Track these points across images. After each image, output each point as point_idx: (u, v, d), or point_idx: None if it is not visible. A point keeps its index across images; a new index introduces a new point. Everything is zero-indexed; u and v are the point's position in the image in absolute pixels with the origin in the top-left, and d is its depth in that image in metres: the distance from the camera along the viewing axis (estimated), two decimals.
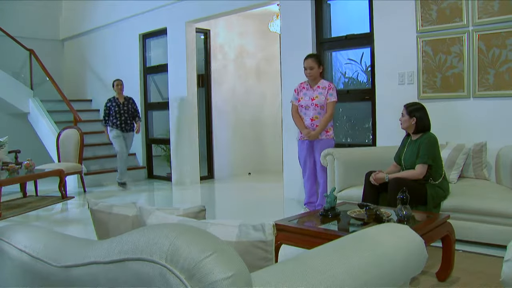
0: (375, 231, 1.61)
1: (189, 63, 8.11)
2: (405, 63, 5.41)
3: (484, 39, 4.82)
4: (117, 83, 7.93)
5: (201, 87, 8.83)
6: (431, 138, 4.15)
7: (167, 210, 1.65)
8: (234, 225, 1.40)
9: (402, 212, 3.27)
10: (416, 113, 4.21)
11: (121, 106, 7.87)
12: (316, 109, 5.41)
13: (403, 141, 4.46)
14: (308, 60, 5.44)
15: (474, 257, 3.80)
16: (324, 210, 3.49)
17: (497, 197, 4.05)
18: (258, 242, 1.35)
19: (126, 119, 7.87)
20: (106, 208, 1.74)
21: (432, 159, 4.09)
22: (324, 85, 5.43)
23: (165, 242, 1.07)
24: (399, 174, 4.19)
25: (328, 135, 5.44)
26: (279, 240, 3.16)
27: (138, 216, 1.57)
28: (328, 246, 1.43)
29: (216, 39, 8.96)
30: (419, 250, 1.61)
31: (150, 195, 7.84)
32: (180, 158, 8.36)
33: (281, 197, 6.72)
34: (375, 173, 4.25)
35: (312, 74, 5.41)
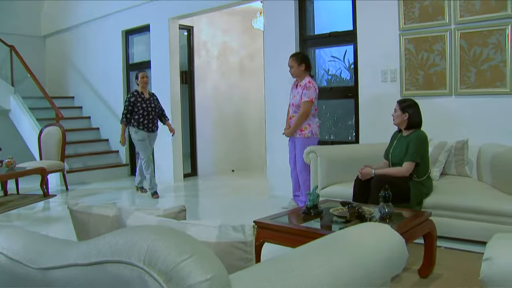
0: (355, 231, 1.62)
1: (172, 60, 8.08)
2: (388, 61, 5.44)
3: (466, 37, 4.86)
4: (142, 75, 6.84)
5: (185, 84, 8.79)
6: (422, 136, 4.17)
7: (147, 211, 1.64)
8: (214, 225, 1.39)
9: (385, 210, 3.29)
10: (408, 109, 4.22)
11: (148, 103, 6.83)
12: (293, 108, 5.51)
13: (393, 136, 4.48)
14: (289, 60, 5.53)
15: (455, 253, 3.84)
16: (306, 208, 3.49)
17: (478, 194, 4.10)
18: (238, 243, 1.35)
19: (153, 118, 6.88)
20: (86, 209, 1.73)
21: (420, 157, 4.11)
22: (303, 83, 5.43)
23: (143, 244, 1.06)
24: (385, 171, 4.20)
25: (303, 133, 5.43)
26: (261, 238, 3.17)
27: (118, 217, 1.56)
28: (308, 247, 1.44)
29: (199, 36, 8.93)
30: (400, 249, 1.62)
31: (133, 193, 7.77)
32: (164, 156, 8.31)
33: (264, 194, 6.73)
34: (362, 168, 4.26)
35: (292, 72, 5.50)
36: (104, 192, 7.46)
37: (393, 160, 4.31)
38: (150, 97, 6.88)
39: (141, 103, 6.73)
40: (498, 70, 4.70)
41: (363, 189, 4.18)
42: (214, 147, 9.25)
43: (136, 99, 6.73)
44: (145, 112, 6.74)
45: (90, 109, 9.92)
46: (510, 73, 4.63)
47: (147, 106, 6.77)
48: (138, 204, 6.81)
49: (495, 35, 4.69)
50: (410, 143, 4.13)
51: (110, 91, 9.35)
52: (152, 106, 6.82)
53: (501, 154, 4.21)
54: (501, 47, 4.66)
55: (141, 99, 6.75)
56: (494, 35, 4.69)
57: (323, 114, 6.43)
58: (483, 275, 1.46)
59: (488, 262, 1.43)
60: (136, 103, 6.72)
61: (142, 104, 6.73)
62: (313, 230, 3.16)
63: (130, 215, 1.48)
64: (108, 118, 9.43)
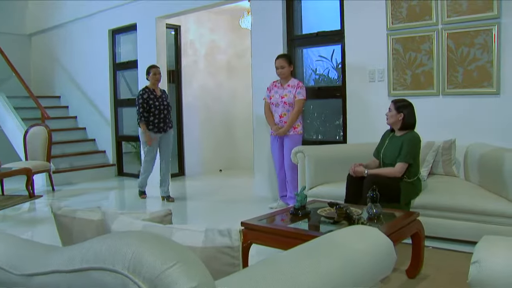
0: (344, 234, 1.61)
1: (159, 59, 8.02)
2: (375, 61, 5.44)
3: (453, 37, 4.88)
4: (154, 71, 6.41)
5: (172, 83, 8.76)
6: (415, 138, 4.17)
7: (133, 214, 1.62)
8: (200, 230, 1.38)
9: (372, 210, 3.30)
10: (404, 109, 4.21)
11: (160, 101, 6.40)
12: (285, 107, 5.59)
13: (385, 135, 4.47)
14: (279, 60, 5.62)
15: (443, 253, 3.86)
16: (294, 209, 3.49)
17: (465, 194, 4.11)
18: (225, 247, 1.33)
19: (165, 117, 6.42)
20: (70, 213, 1.70)
21: (413, 159, 4.11)
22: (293, 83, 5.59)
23: (128, 251, 1.04)
24: (378, 171, 4.20)
25: (296, 130, 5.59)
26: (249, 240, 3.16)
27: (102, 221, 1.53)
28: (296, 251, 1.42)
29: (186, 35, 8.89)
30: (388, 252, 1.62)
31: (120, 193, 7.75)
32: None
33: (252, 194, 6.71)
34: (354, 165, 4.25)
35: (283, 73, 5.60)
36: (91, 193, 7.40)
37: (385, 160, 4.31)
38: (162, 94, 6.48)
39: (154, 100, 6.32)
40: (485, 70, 4.72)
41: (356, 188, 4.18)
42: (202, 147, 9.21)
43: (149, 96, 6.30)
44: (157, 111, 6.32)
45: (77, 108, 9.84)
46: (496, 74, 4.65)
47: (160, 104, 6.35)
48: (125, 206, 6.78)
49: (482, 35, 4.71)
50: (404, 144, 4.12)
51: (96, 91, 9.28)
52: (164, 104, 6.42)
53: (489, 154, 4.23)
54: (488, 47, 4.68)
55: (154, 97, 6.35)
56: (481, 35, 4.71)
57: (310, 113, 6.43)
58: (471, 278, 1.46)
59: (476, 265, 1.43)
60: (149, 100, 6.29)
61: (155, 102, 6.33)
62: (300, 231, 3.15)
63: (115, 219, 1.45)
64: (95, 118, 9.36)
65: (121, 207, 6.83)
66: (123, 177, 9.02)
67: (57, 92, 10.31)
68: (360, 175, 4.18)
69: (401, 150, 4.12)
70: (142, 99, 6.27)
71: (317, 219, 3.34)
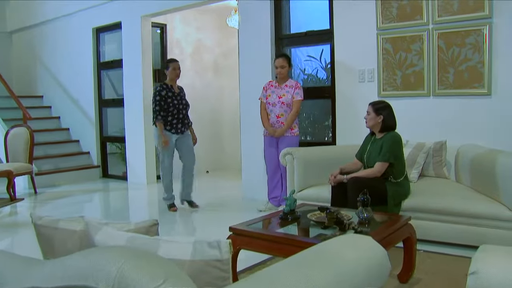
0: (337, 244, 1.58)
1: (144, 58, 7.98)
2: (365, 61, 5.44)
3: (444, 37, 4.88)
4: (174, 66, 5.88)
5: (158, 83, 8.64)
6: (395, 137, 4.16)
7: (117, 225, 1.57)
8: (188, 242, 1.33)
9: (363, 215, 3.27)
10: (382, 111, 4.20)
11: (179, 99, 5.90)
12: (282, 107, 5.55)
13: (366, 139, 4.46)
14: (279, 59, 5.58)
15: (435, 257, 3.84)
16: (283, 213, 3.45)
17: (457, 196, 4.11)
18: (214, 261, 1.29)
19: (183, 117, 5.94)
20: (51, 223, 1.64)
21: (394, 158, 4.09)
22: (291, 84, 5.57)
23: (112, 268, 1.00)
24: (357, 174, 4.19)
25: (293, 132, 5.57)
26: (237, 246, 3.14)
27: (85, 232, 1.48)
28: (286, 264, 1.38)
29: (172, 34, 8.85)
30: (383, 262, 1.58)
31: (105, 196, 7.66)
32: (136, 157, 8.22)
33: (240, 195, 6.68)
34: (332, 175, 4.24)
35: (282, 72, 5.57)
36: (75, 195, 7.32)
37: (369, 164, 4.28)
38: (180, 92, 5.99)
39: (172, 98, 5.80)
40: (476, 70, 4.72)
41: (341, 193, 4.16)
42: None
43: (167, 94, 5.79)
44: (175, 110, 5.80)
45: (60, 109, 9.72)
46: (488, 74, 4.66)
47: (178, 103, 5.85)
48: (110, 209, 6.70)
49: (473, 35, 4.71)
50: (384, 144, 4.12)
51: (80, 91, 9.18)
52: (183, 103, 5.92)
53: (480, 156, 4.23)
54: (479, 47, 4.68)
55: (172, 94, 5.83)
56: (472, 35, 4.71)
57: (299, 114, 6.36)
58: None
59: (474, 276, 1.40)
60: (167, 98, 5.78)
61: (173, 100, 5.81)
62: (290, 237, 3.13)
63: (98, 230, 1.41)
64: (79, 118, 9.26)
65: (106, 210, 6.75)
66: (107, 178, 8.93)
67: (39, 91, 10.19)
68: (340, 182, 4.17)
69: (381, 150, 4.12)
70: (160, 96, 5.74)
71: (307, 224, 3.32)
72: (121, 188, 8.00)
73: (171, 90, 5.83)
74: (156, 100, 5.75)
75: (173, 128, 5.83)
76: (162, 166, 5.98)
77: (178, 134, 5.88)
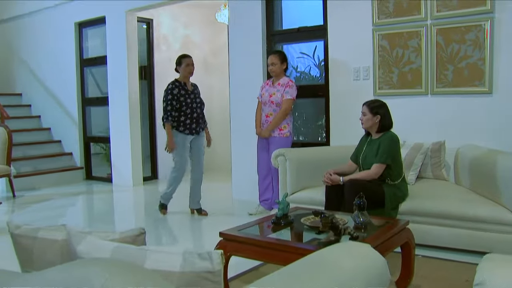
0: (334, 253, 1.55)
1: (130, 54, 7.93)
2: (360, 58, 5.43)
3: (443, 33, 4.88)
4: (187, 62, 5.71)
5: (144, 80, 8.68)
6: (392, 137, 4.15)
7: (101, 234, 1.54)
8: (177, 252, 1.30)
9: (359, 219, 3.26)
10: (379, 110, 4.18)
11: (193, 97, 5.71)
12: (271, 106, 5.53)
13: (362, 140, 4.45)
14: (270, 56, 5.58)
15: (434, 262, 3.85)
16: (276, 217, 3.44)
17: (456, 199, 4.11)
18: (205, 273, 1.26)
19: (198, 117, 5.71)
20: (31, 232, 1.60)
21: (392, 159, 4.09)
22: (284, 82, 5.52)
23: (96, 283, 0.97)
24: (354, 176, 4.19)
25: (282, 133, 5.51)
26: (228, 252, 3.11)
27: (67, 241, 1.45)
28: (282, 274, 1.36)
29: (159, 29, 8.81)
30: (382, 272, 1.56)
31: (88, 199, 7.61)
32: (122, 158, 8.18)
33: (229, 198, 6.66)
34: (327, 173, 4.23)
35: (274, 70, 5.54)
36: (56, 199, 7.24)
37: (365, 166, 4.27)
38: (194, 90, 5.79)
39: (185, 97, 5.60)
40: (476, 68, 4.73)
41: (336, 195, 4.15)
42: None
43: (179, 92, 5.58)
44: (189, 110, 5.60)
45: (40, 107, 9.62)
46: (489, 72, 4.66)
47: (192, 101, 5.65)
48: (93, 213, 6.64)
49: (473, 31, 4.71)
50: (381, 145, 4.11)
51: (62, 88, 9.10)
52: (197, 101, 5.72)
53: (481, 157, 4.23)
54: (480, 44, 4.69)
55: (185, 92, 5.62)
56: (472, 31, 4.72)
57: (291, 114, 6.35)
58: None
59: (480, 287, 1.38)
60: (180, 97, 5.58)
61: (187, 98, 5.61)
62: (283, 243, 3.10)
63: (81, 240, 1.37)
64: (61, 118, 9.19)
65: (89, 214, 6.69)
66: (91, 181, 8.87)
67: (18, 89, 10.08)
68: (336, 184, 4.16)
69: (378, 151, 4.11)
70: (172, 95, 5.53)
71: (300, 229, 3.31)
72: (105, 191, 7.95)
73: (184, 87, 5.64)
74: (168, 100, 5.54)
75: (187, 128, 5.61)
76: (175, 169, 5.79)
77: (193, 135, 5.69)
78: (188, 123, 5.60)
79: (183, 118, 5.59)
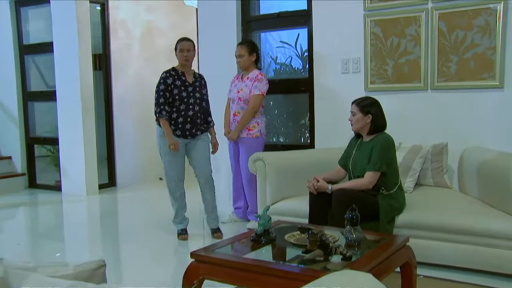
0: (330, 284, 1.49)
1: (82, 41, 7.80)
2: (349, 48, 5.44)
3: (446, 18, 4.88)
4: (181, 46, 5.32)
5: (98, 70, 8.61)
6: (386, 140, 4.14)
7: (49, 269, 1.43)
8: None
9: (352, 236, 3.24)
10: (370, 109, 4.17)
11: (191, 91, 5.24)
12: (239, 103, 5.55)
13: (351, 143, 4.44)
14: (237, 48, 5.61)
15: (437, 283, 3.84)
16: (256, 234, 3.39)
17: (461, 210, 4.09)
18: None
19: (196, 115, 5.23)
20: None
21: (387, 166, 4.08)
22: (253, 76, 5.50)
23: None
24: (345, 185, 4.17)
25: (251, 133, 5.51)
26: (200, 275, 3.08)
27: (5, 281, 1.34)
28: None
29: (116, 13, 8.71)
30: None
31: (32, 211, 7.44)
32: (73, 162, 8.04)
33: (200, 206, 6.56)
34: (314, 178, 4.20)
35: (241, 63, 5.56)
36: None
37: (355, 172, 4.27)
38: (195, 82, 5.31)
39: (180, 89, 5.17)
40: (485, 58, 4.74)
41: (321, 206, 4.14)
42: (138, 150, 9.09)
43: (173, 82, 5.19)
44: (183, 106, 5.15)
45: None
46: (500, 63, 4.67)
47: (189, 95, 5.18)
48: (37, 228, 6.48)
49: (482, 15, 4.72)
50: (374, 150, 4.11)
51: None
52: (196, 96, 5.23)
53: (490, 160, 4.24)
54: (490, 30, 4.69)
55: (181, 83, 5.20)
56: (482, 15, 4.72)
57: (269, 111, 6.43)
58: None
59: None
60: (174, 88, 5.18)
61: (182, 91, 5.17)
62: (264, 264, 3.05)
63: (24, 279, 1.26)
64: None
65: (33, 231, 6.49)
66: (36, 189, 8.72)
67: None
68: (323, 192, 4.14)
69: (371, 157, 4.10)
70: (165, 85, 5.16)
71: (284, 248, 3.27)
72: (53, 201, 7.79)
73: (180, 77, 5.22)
74: (160, 90, 5.16)
75: (178, 129, 5.17)
76: (167, 179, 5.40)
77: (187, 139, 5.25)
78: (181, 122, 5.17)
79: (175, 115, 5.17)
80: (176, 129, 5.16)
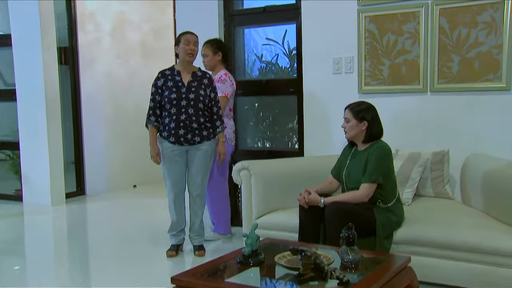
0: None
1: (45, 34, 7.75)
2: (342, 46, 5.45)
3: (448, 14, 4.88)
4: (186, 39, 5.05)
5: (65, 65, 8.55)
6: (383, 149, 4.14)
7: None
8: None
9: (348, 256, 3.23)
10: (366, 114, 4.17)
11: (183, 90, 5.01)
12: None
13: (345, 152, 4.44)
14: (202, 47, 5.62)
15: None
16: (243, 256, 3.37)
17: (466, 224, 4.07)
18: None
19: (191, 119, 5.00)
20: None
21: (384, 177, 4.07)
22: (218, 77, 5.57)
23: None
24: (338, 198, 4.16)
25: None
26: None
27: None
28: None
29: (84, 4, 8.68)
30: None
31: None
32: (36, 168, 7.98)
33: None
34: (306, 191, 4.19)
35: (205, 63, 5.66)
36: None
37: (349, 184, 4.27)
38: (192, 82, 5.07)
39: (170, 90, 5.00)
40: (490, 58, 4.74)
41: (313, 222, 4.14)
42: (109, 155, 9.08)
43: (164, 83, 5.04)
44: (174, 109, 4.99)
45: None
46: (507, 62, 4.68)
47: (180, 97, 4.98)
48: None
49: (488, 11, 4.71)
50: (369, 160, 4.11)
51: None
52: (190, 97, 4.98)
53: (497, 170, 4.23)
54: (496, 27, 4.69)
55: (173, 84, 5.02)
56: (487, 10, 4.71)
57: (254, 115, 6.44)
58: None
59: None
60: (165, 90, 5.05)
61: (171, 93, 4.98)
62: None
63: None
64: None
65: None
66: None
67: None
68: (316, 204, 4.13)
69: (366, 167, 4.09)
70: (155, 88, 5.06)
71: (274, 271, 3.24)
72: (13, 213, 7.69)
73: (174, 78, 5.05)
74: (151, 93, 5.11)
75: (171, 135, 5.02)
76: (165, 188, 5.30)
77: (184, 145, 5.05)
78: (173, 127, 5.00)
79: (167, 120, 5.05)
80: (169, 135, 5.03)
